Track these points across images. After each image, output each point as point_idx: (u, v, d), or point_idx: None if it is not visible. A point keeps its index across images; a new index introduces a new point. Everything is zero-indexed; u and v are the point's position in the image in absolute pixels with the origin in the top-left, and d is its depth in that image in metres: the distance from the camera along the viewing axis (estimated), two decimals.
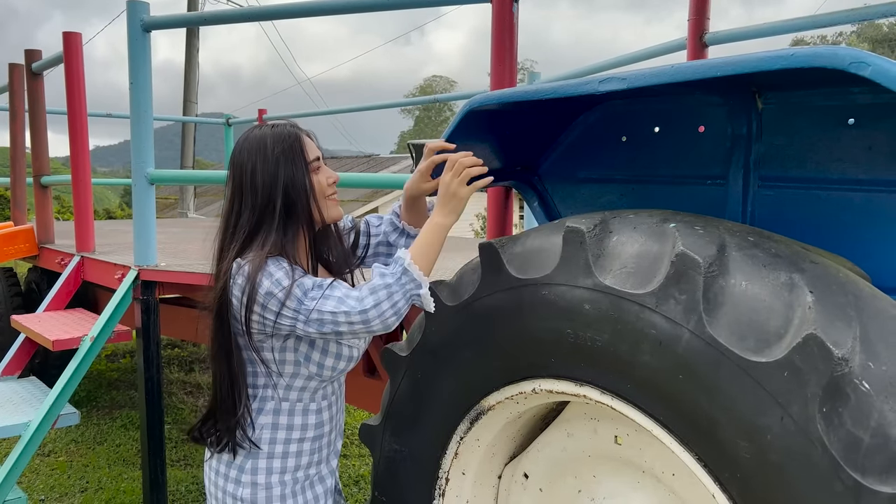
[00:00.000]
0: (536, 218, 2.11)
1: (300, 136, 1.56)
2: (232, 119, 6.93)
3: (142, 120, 2.74)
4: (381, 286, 1.43)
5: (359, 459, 4.07)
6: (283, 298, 1.42)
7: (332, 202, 1.60)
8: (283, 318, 1.44)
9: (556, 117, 1.92)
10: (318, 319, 1.42)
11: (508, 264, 1.47)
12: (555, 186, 2.07)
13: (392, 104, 6.10)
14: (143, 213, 2.78)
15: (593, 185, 1.97)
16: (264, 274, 1.44)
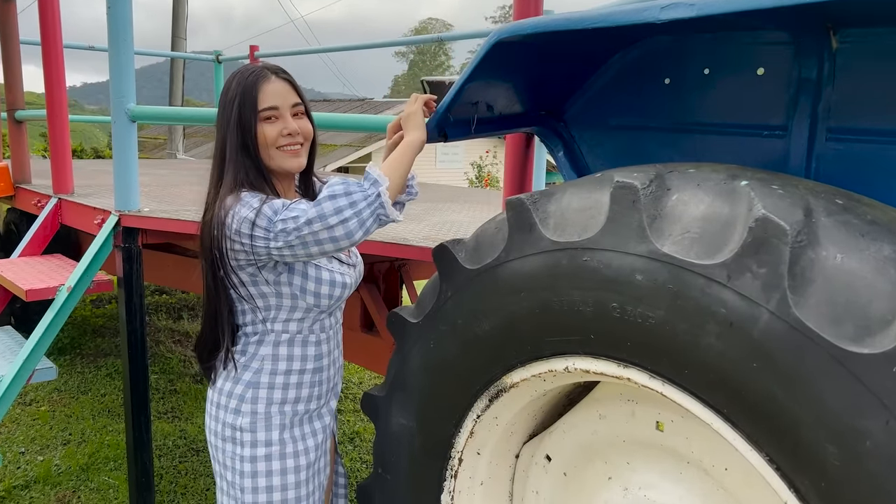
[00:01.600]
0: (561, 169, 1.90)
1: (257, 82, 1.53)
2: (222, 56, 6.58)
3: (121, 49, 2.47)
4: (341, 192, 1.40)
5: (353, 415, 3.93)
6: (254, 218, 1.43)
7: (287, 153, 1.57)
8: (256, 239, 1.45)
9: (589, 54, 1.69)
10: (283, 231, 1.42)
11: (542, 224, 1.27)
12: (583, 134, 1.85)
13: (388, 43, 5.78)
14: (123, 153, 2.54)
15: (628, 133, 1.75)
16: (240, 202, 1.47)
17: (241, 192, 1.50)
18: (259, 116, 1.52)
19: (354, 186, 1.42)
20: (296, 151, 1.58)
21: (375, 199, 1.42)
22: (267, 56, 6.29)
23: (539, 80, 1.75)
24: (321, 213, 1.39)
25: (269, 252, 1.46)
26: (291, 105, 1.57)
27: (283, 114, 1.55)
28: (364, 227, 1.42)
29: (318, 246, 1.42)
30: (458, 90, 1.52)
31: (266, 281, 1.55)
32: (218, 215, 1.49)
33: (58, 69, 3.05)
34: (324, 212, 1.39)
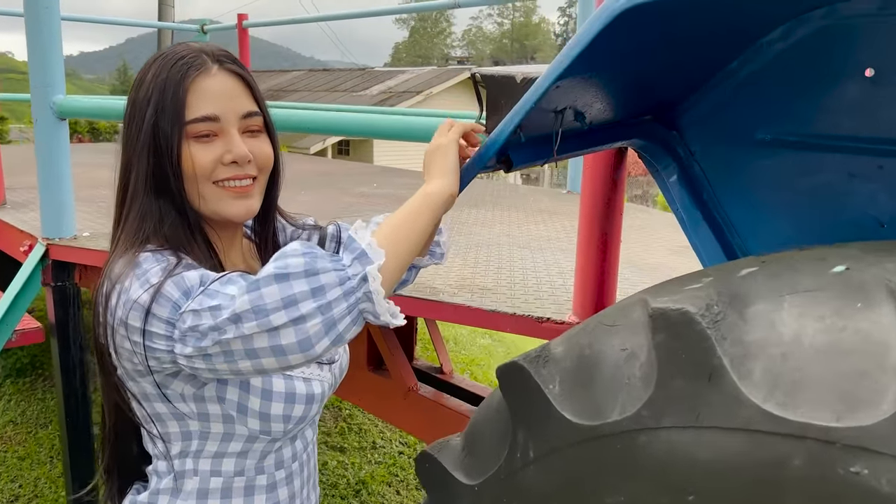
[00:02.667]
0: (671, 200, 1.27)
1: (186, 76, 0.95)
2: (208, 26, 5.88)
3: (41, 19, 1.82)
4: (299, 269, 0.82)
5: (359, 455, 3.35)
6: (148, 303, 0.86)
7: (229, 192, 0.98)
8: (153, 338, 0.87)
9: (736, 30, 1.05)
10: (192, 330, 0.84)
11: (558, 401, 0.68)
12: (709, 150, 1.22)
13: (389, 10, 5.10)
14: (51, 160, 1.90)
15: (790, 152, 1.11)
16: (133, 273, 0.90)
17: (140, 252, 0.93)
18: (186, 132, 0.94)
19: (325, 260, 0.84)
20: (244, 190, 0.99)
21: (358, 285, 0.84)
22: (257, 25, 5.60)
23: (650, 71, 1.11)
24: (258, 305, 0.81)
25: (174, 360, 0.89)
26: (241, 115, 0.98)
27: (226, 129, 0.97)
28: (334, 331, 0.84)
29: (251, 360, 0.85)
30: (544, 91, 0.88)
31: (181, 396, 0.97)
32: (101, 290, 0.93)
33: None
34: (263, 302, 0.81)
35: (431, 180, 0.98)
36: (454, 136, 0.99)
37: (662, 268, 1.90)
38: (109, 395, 1.02)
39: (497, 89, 1.00)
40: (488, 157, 0.97)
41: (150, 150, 0.95)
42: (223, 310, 0.83)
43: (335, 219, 1.27)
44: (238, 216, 1.00)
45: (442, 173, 0.98)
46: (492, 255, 1.98)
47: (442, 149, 0.99)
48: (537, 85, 0.88)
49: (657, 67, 1.09)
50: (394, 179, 4.00)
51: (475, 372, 4.39)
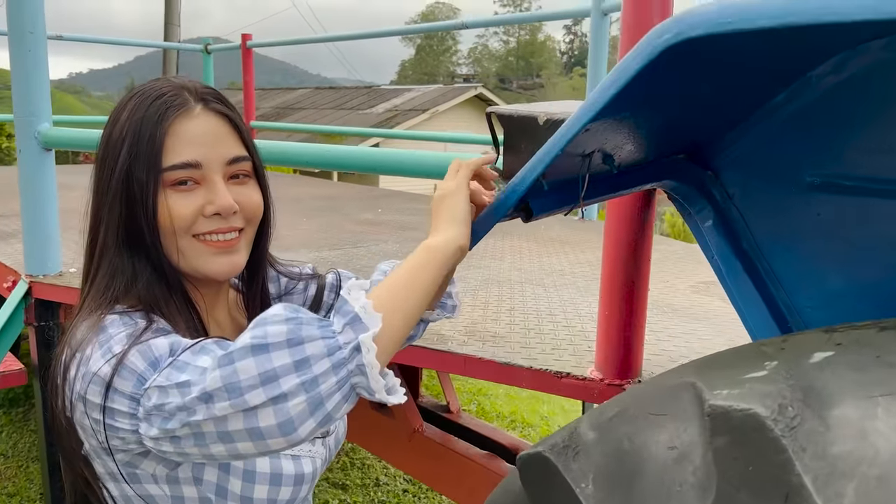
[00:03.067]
0: (706, 247, 1.14)
1: (165, 116, 0.84)
2: (211, 46, 5.81)
3: (26, 44, 1.72)
4: (280, 338, 0.71)
5: (362, 493, 3.20)
6: (109, 377, 0.75)
7: (211, 246, 0.88)
8: (114, 416, 0.76)
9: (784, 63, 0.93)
10: (158, 409, 0.73)
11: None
12: (750, 193, 1.10)
13: (395, 31, 5.02)
14: (35, 193, 1.79)
15: (846, 197, 0.99)
16: (96, 339, 0.79)
17: (106, 314, 0.82)
18: (163, 179, 0.84)
19: (311, 326, 0.72)
20: (228, 244, 0.89)
21: (350, 356, 0.72)
22: (261, 45, 5.53)
23: (687, 108, 0.99)
24: (231, 382, 0.70)
25: (139, 441, 0.77)
26: (227, 161, 0.88)
27: (209, 176, 0.86)
28: (321, 411, 0.72)
29: (225, 445, 0.73)
30: (574, 135, 0.76)
31: (152, 477, 0.84)
32: (60, 358, 0.82)
33: None
34: (237, 379, 0.70)
35: (437, 231, 0.86)
36: (463, 180, 0.87)
37: (685, 309, 1.77)
38: (69, 474, 0.90)
39: (516, 130, 0.88)
40: (508, 207, 0.85)
41: (122, 198, 0.84)
42: (192, 386, 0.72)
43: (335, 246, 1.15)
44: (221, 274, 0.89)
45: (449, 223, 0.85)
46: (503, 293, 1.86)
47: (450, 194, 0.87)
48: (566, 128, 0.76)
49: (695, 104, 0.97)
50: (399, 204, 3.89)
51: (482, 403, 4.25)
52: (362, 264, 2.25)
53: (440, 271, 0.83)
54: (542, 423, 4.04)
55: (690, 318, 1.69)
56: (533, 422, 4.06)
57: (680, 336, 1.54)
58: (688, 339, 1.52)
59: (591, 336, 1.50)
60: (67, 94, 49.83)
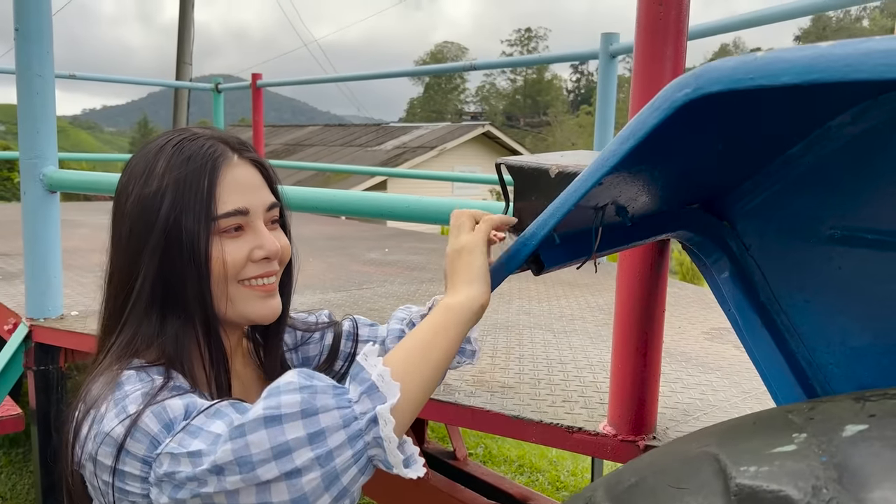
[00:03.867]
0: (723, 300, 1.11)
1: (218, 168, 0.85)
2: (221, 84, 5.87)
3: (33, 87, 1.71)
4: (294, 408, 0.69)
5: None
6: (122, 437, 0.73)
7: (258, 291, 0.89)
8: (125, 479, 0.73)
9: (795, 114, 0.91)
10: (169, 477, 0.70)
11: None
12: (767, 246, 1.06)
13: (404, 72, 5.05)
14: (38, 236, 1.77)
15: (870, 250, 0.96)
16: (112, 395, 0.77)
17: (124, 369, 0.80)
18: (216, 228, 0.84)
19: (326, 395, 0.70)
20: (271, 287, 0.91)
21: (367, 428, 0.70)
22: (271, 85, 5.58)
23: (702, 159, 0.96)
24: (242, 456, 0.68)
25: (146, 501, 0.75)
26: (267, 207, 0.90)
27: (254, 222, 0.88)
28: (336, 486, 0.69)
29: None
30: (587, 190, 0.73)
31: None
32: (74, 414, 0.80)
33: None
34: (248, 453, 0.68)
35: (457, 290, 0.83)
36: (482, 237, 0.85)
37: (699, 357, 1.72)
38: None
39: (526, 182, 0.85)
40: (519, 261, 0.82)
41: (163, 251, 0.83)
42: (204, 457, 0.69)
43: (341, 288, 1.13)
44: (267, 318, 0.90)
45: (470, 281, 0.83)
46: (512, 340, 1.82)
47: (468, 250, 0.85)
48: (579, 182, 0.73)
49: (710, 155, 0.94)
50: (406, 244, 3.87)
51: (490, 447, 4.17)
52: (368, 306, 2.21)
53: (461, 332, 0.81)
54: (550, 468, 3.95)
55: (704, 367, 1.64)
56: (542, 467, 3.97)
57: (695, 387, 1.49)
58: (703, 391, 1.48)
59: (603, 387, 1.46)
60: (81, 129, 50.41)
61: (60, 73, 5.37)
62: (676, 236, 1.11)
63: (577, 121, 62.56)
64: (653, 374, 1.19)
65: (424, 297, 2.37)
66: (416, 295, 2.41)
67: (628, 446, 1.21)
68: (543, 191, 0.81)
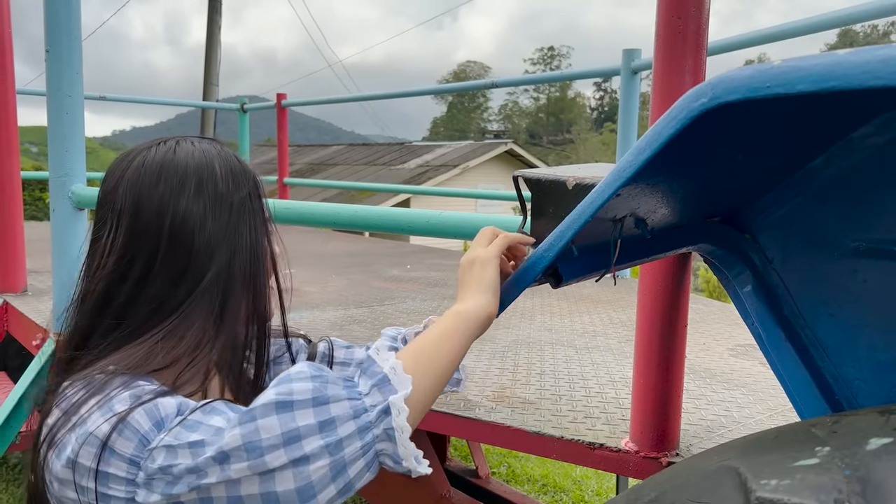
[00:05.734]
0: (746, 314, 1.09)
1: (258, 178, 0.89)
2: (248, 105, 5.97)
3: (63, 106, 1.76)
4: (305, 395, 0.68)
5: None
6: (107, 435, 0.69)
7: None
8: (110, 480, 0.69)
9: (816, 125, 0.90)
10: (163, 472, 0.67)
11: None
12: (790, 258, 1.05)
13: (427, 91, 5.09)
14: (66, 253, 1.80)
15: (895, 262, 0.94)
16: (92, 399, 0.72)
17: (114, 376, 0.75)
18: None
19: (337, 386, 0.71)
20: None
21: (377, 419, 0.70)
22: (296, 104, 5.65)
23: (722, 171, 0.95)
24: (252, 441, 0.66)
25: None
26: None
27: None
28: (343, 478, 0.68)
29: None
30: (604, 201, 0.72)
31: None
32: (51, 420, 0.74)
33: (8, 124, 2.36)
34: (258, 438, 0.66)
35: (467, 298, 0.85)
36: (496, 251, 0.85)
37: (723, 374, 1.70)
38: None
39: (544, 194, 0.85)
40: (537, 274, 0.82)
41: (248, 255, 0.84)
42: (206, 447, 0.67)
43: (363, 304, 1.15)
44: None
45: (479, 290, 0.85)
46: (533, 356, 1.80)
47: (480, 262, 0.86)
48: (596, 194, 0.73)
49: (730, 166, 0.94)
50: (427, 261, 3.87)
51: (513, 465, 4.13)
52: (389, 322, 2.21)
53: (468, 338, 0.82)
54: (574, 488, 3.90)
55: (729, 383, 1.62)
56: (565, 486, 3.92)
57: (719, 404, 1.47)
58: (727, 407, 1.45)
59: (626, 403, 1.44)
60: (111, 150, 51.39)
61: (91, 95, 5.50)
62: (697, 249, 1.10)
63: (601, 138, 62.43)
64: (675, 389, 1.18)
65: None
66: (438, 311, 2.41)
67: (651, 463, 1.19)
68: (561, 203, 0.81)
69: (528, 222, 0.91)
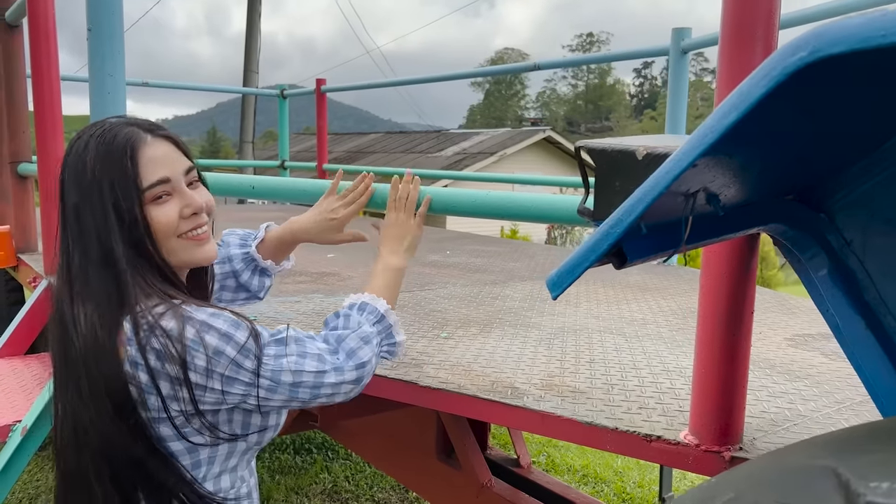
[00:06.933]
0: (820, 301, 1.01)
1: (136, 149, 1.04)
2: (287, 91, 5.96)
3: (105, 86, 1.74)
4: (371, 334, 1.14)
5: None
6: (234, 356, 0.99)
7: (193, 241, 1.10)
8: (235, 385, 1.00)
9: None
10: (291, 384, 1.03)
11: None
12: (872, 240, 0.97)
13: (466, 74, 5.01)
14: None
15: None
16: (197, 325, 0.98)
17: (182, 307, 1.00)
18: (145, 198, 1.04)
19: (377, 337, 1.16)
20: (206, 236, 1.11)
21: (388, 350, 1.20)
22: (335, 90, 5.62)
23: (804, 141, 0.87)
24: (360, 369, 1.10)
25: (244, 400, 1.02)
26: (184, 171, 1.10)
27: (177, 187, 1.08)
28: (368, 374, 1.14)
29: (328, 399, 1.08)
30: (681, 171, 0.66)
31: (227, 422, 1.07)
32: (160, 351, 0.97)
33: (53, 110, 2.36)
34: (362, 373, 1.11)
35: (403, 256, 1.31)
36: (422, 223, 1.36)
37: (784, 365, 1.61)
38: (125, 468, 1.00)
39: (609, 166, 0.79)
40: (601, 252, 0.76)
41: (116, 222, 1.01)
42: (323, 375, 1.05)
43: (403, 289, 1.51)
44: (204, 261, 1.11)
45: (411, 250, 1.34)
46: (581, 343, 1.74)
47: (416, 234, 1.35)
48: (672, 163, 0.66)
49: (812, 136, 0.86)
50: (467, 246, 3.82)
51: (552, 455, 4.06)
52: (430, 308, 2.17)
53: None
54: (616, 479, 3.82)
55: (791, 375, 1.53)
56: (606, 477, 3.85)
57: (781, 396, 1.39)
58: (790, 400, 1.37)
59: (682, 394, 1.37)
60: None
61: (134, 81, 5.54)
62: (768, 230, 1.03)
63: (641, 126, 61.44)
64: (740, 380, 1.10)
65: (487, 299, 2.31)
66: (479, 297, 2.35)
67: (712, 457, 1.12)
68: (629, 175, 0.74)
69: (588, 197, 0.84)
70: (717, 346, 1.09)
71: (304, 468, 3.83)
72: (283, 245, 1.39)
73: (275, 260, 1.40)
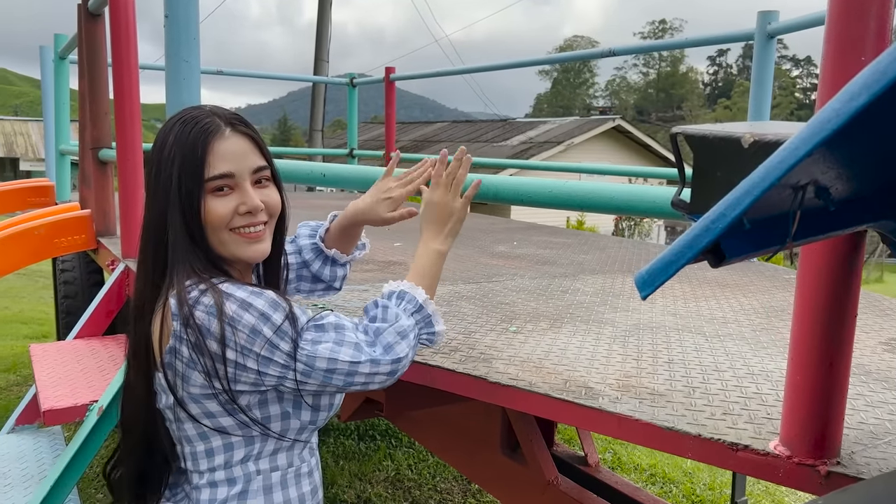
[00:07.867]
0: None
1: (204, 139, 1.09)
2: (357, 79, 5.99)
3: (181, 72, 1.75)
4: (409, 327, 1.13)
5: None
6: (270, 336, 1.02)
7: (244, 238, 1.13)
8: (270, 366, 1.03)
9: None
10: (326, 370, 1.05)
11: None
12: None
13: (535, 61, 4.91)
14: None
15: None
16: (237, 303, 1.03)
17: (223, 285, 1.06)
18: (206, 188, 1.09)
19: (416, 328, 1.16)
20: (258, 235, 1.14)
21: (427, 338, 1.20)
22: (403, 78, 5.61)
23: None
24: (396, 363, 1.11)
25: (280, 383, 1.06)
26: (252, 170, 1.13)
27: (240, 183, 1.12)
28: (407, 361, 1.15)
29: (364, 387, 1.10)
30: (798, 160, 0.59)
31: (248, 404, 1.10)
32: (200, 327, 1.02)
33: (131, 98, 2.41)
34: (399, 366, 1.11)
35: (445, 240, 1.28)
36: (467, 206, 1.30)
37: (881, 372, 1.50)
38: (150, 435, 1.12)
39: (710, 155, 0.72)
40: (700, 248, 0.69)
41: (178, 203, 1.07)
42: (359, 364, 1.06)
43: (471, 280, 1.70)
44: (253, 258, 1.14)
45: (453, 235, 1.30)
46: (658, 342, 1.66)
47: (460, 217, 1.29)
48: (786, 152, 0.59)
49: None
50: (534, 237, 3.74)
51: (619, 452, 3.97)
52: (498, 300, 2.12)
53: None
54: (685, 480, 3.70)
55: (890, 383, 1.42)
56: (675, 477, 3.73)
57: (881, 406, 1.29)
58: (891, 410, 1.27)
59: (769, 400, 1.28)
60: None
61: (208, 69, 5.67)
62: (878, 227, 0.94)
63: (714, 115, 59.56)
64: (839, 388, 1.01)
65: (556, 293, 2.25)
66: (548, 290, 2.29)
67: (806, 471, 1.04)
68: (733, 164, 0.68)
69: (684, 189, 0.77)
70: (814, 349, 1.01)
71: (367, 455, 3.85)
72: (347, 230, 1.40)
73: (345, 246, 1.42)
